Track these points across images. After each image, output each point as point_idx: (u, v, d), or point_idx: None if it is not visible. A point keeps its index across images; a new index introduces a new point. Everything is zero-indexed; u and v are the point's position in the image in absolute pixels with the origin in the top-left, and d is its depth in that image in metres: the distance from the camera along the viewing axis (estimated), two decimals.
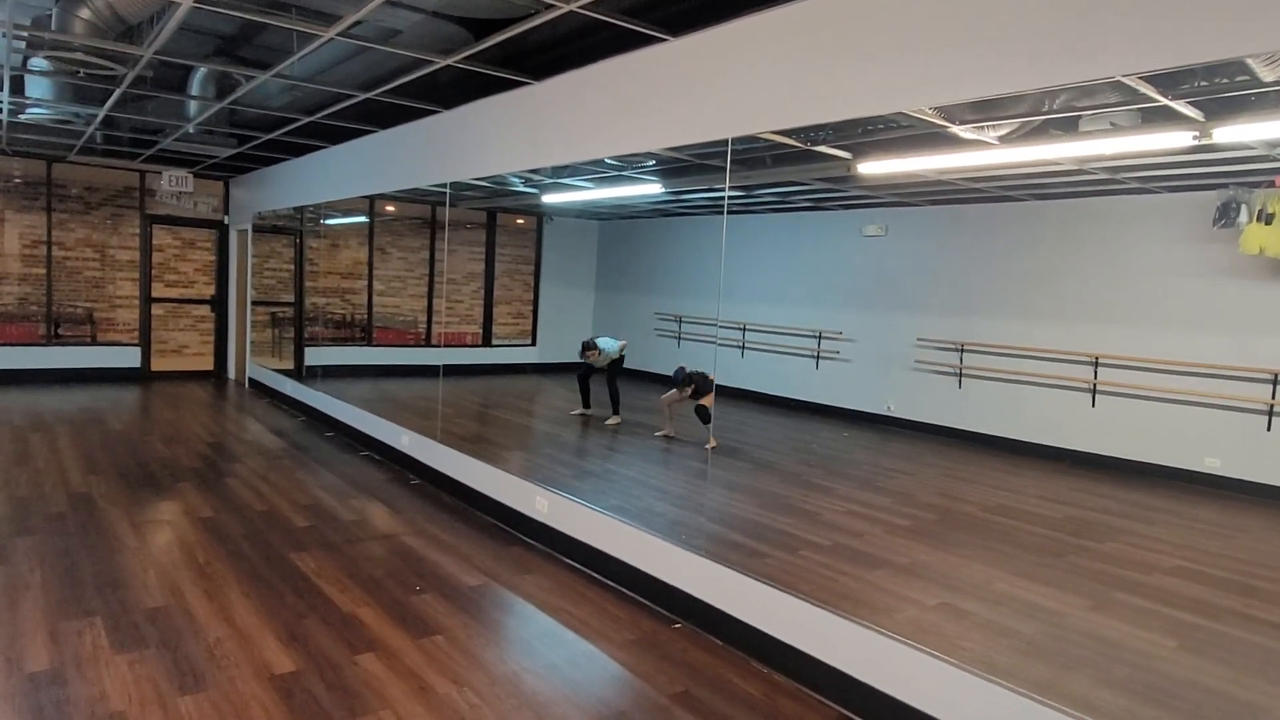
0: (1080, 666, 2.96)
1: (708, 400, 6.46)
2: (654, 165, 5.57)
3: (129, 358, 9.59)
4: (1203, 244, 5.88)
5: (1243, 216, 5.53)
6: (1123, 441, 6.31)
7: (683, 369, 6.51)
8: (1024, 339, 6.91)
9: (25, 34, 4.18)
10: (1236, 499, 5.62)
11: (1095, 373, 6.49)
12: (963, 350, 7.34)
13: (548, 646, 3.17)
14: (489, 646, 3.14)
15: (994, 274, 7.16)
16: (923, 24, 2.60)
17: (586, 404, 7.43)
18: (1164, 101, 3.23)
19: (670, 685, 2.90)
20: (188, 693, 2.65)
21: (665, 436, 6.65)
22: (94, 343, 9.40)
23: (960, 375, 7.36)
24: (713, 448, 6.42)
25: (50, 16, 3.99)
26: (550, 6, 3.34)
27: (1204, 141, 3.63)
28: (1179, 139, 3.83)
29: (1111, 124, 3.83)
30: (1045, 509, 5.24)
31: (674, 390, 6.56)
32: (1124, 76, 2.30)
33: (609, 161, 5.03)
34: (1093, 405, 6.49)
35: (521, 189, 7.08)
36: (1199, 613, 3.56)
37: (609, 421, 7.19)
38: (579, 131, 4.17)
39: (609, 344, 7.36)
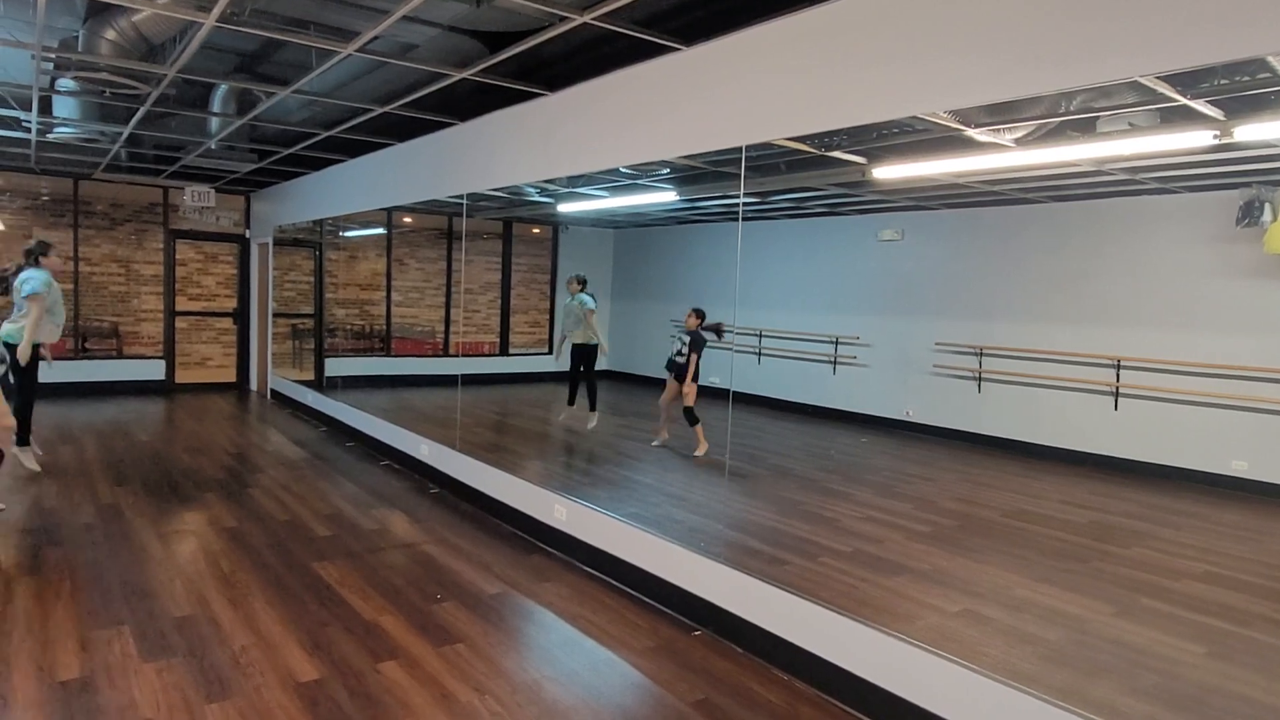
0: (1105, 673, 2.93)
1: (690, 396, 6.28)
2: (669, 173, 5.59)
3: (154, 370, 9.74)
4: (1226, 244, 5.81)
5: (1267, 215, 5.46)
6: (1146, 445, 6.23)
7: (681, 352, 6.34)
8: (1044, 342, 6.85)
9: (53, 55, 4.28)
10: (1264, 502, 5.52)
11: (1117, 375, 6.41)
12: (982, 354, 7.28)
13: (568, 654, 3.18)
14: (509, 654, 3.15)
15: (1012, 277, 7.11)
16: (936, 27, 2.60)
17: (572, 399, 7.19)
18: (1183, 101, 3.20)
19: (691, 693, 2.90)
20: (214, 700, 2.68)
21: (661, 445, 6.53)
22: (120, 356, 9.56)
23: (979, 379, 7.30)
24: (702, 452, 6.30)
25: (77, 38, 4.09)
26: (565, 18, 3.38)
27: (1225, 140, 3.59)
28: (1199, 138, 3.79)
29: (1130, 124, 3.79)
30: (1068, 514, 5.18)
31: (672, 383, 6.40)
32: (1141, 77, 2.29)
33: (624, 170, 5.05)
34: (1115, 408, 6.42)
35: (537, 199, 7.12)
36: (1228, 618, 3.50)
37: (590, 425, 7.10)
38: (594, 141, 4.20)
39: (593, 301, 7.10)
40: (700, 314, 6.45)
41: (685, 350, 6.36)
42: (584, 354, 7.14)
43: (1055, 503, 5.47)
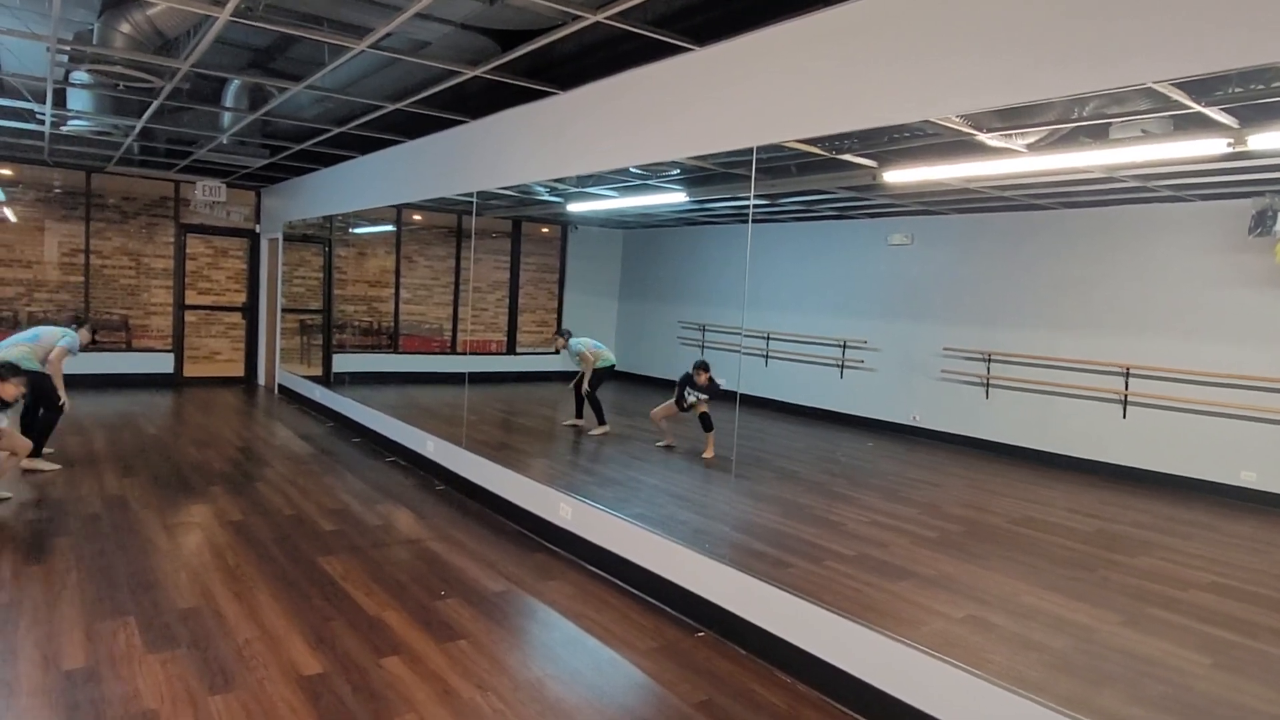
0: (1111, 682, 2.91)
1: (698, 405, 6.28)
2: (679, 174, 5.58)
3: (162, 363, 9.79)
4: (1237, 253, 5.77)
5: (1279, 225, 5.42)
6: (1155, 454, 6.20)
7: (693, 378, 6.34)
8: (1053, 349, 6.82)
9: (68, 48, 4.30)
10: (1274, 513, 5.48)
11: (1126, 384, 6.38)
12: (990, 360, 7.25)
13: (571, 653, 3.18)
14: (513, 652, 3.15)
15: (1022, 283, 7.08)
16: (949, 31, 2.59)
17: (580, 414, 7.33)
18: (1197, 108, 3.19)
19: (693, 694, 2.89)
20: (218, 692, 2.69)
21: (667, 446, 6.57)
22: (129, 349, 9.61)
23: (987, 385, 7.27)
24: (709, 455, 6.27)
25: (92, 31, 4.12)
26: (577, 17, 3.38)
27: (1238, 148, 3.57)
28: (1212, 146, 3.77)
29: (1143, 131, 3.77)
30: (1075, 522, 5.15)
31: (671, 403, 6.44)
32: (1155, 83, 2.28)
33: (634, 170, 5.05)
34: (1124, 417, 6.38)
35: (547, 198, 7.13)
36: (1235, 630, 3.48)
37: (595, 431, 7.09)
38: (604, 140, 4.21)
39: (582, 344, 7.15)
40: (706, 366, 6.47)
41: (700, 398, 6.34)
42: (587, 377, 7.21)
43: (1062, 510, 5.45)
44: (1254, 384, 5.70)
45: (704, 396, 6.32)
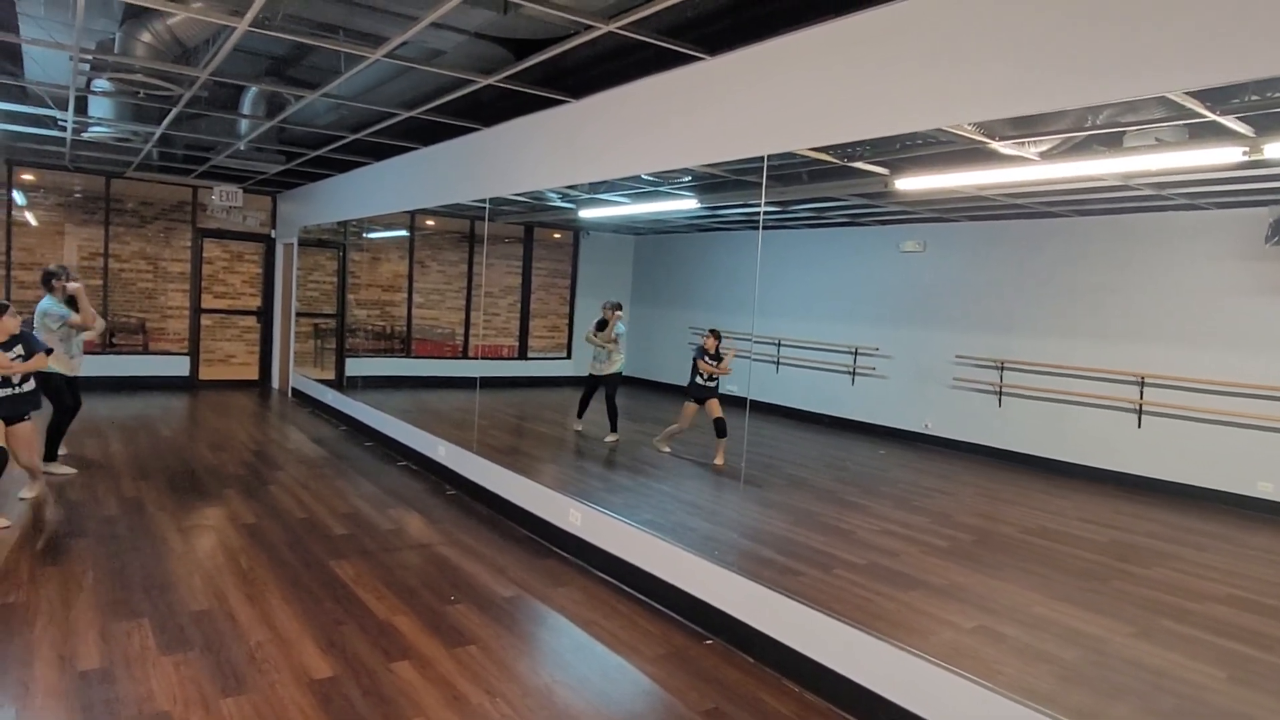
0: (1123, 695, 2.88)
1: (713, 407, 6.26)
2: (690, 181, 5.60)
3: (178, 366, 9.89)
4: (1254, 261, 5.72)
5: None
6: (1171, 464, 6.14)
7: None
8: (1066, 357, 6.77)
9: (90, 57, 4.37)
10: None
11: (1141, 393, 6.33)
12: (1003, 368, 7.21)
13: (580, 659, 3.19)
14: (522, 658, 3.16)
15: (1035, 291, 7.04)
16: (962, 40, 2.59)
17: (581, 415, 7.31)
18: (1212, 117, 3.17)
19: (701, 702, 2.89)
20: (230, 695, 2.71)
21: (671, 452, 6.56)
22: (146, 352, 9.72)
23: (1000, 393, 7.23)
24: (720, 462, 6.26)
25: (113, 40, 4.18)
26: (590, 27, 3.40)
27: (1254, 157, 3.54)
28: (1228, 154, 3.74)
29: (1157, 139, 3.76)
30: (1089, 532, 5.11)
31: (691, 404, 6.43)
32: (1171, 92, 2.27)
33: (645, 177, 5.07)
34: (1139, 426, 6.33)
35: (559, 204, 7.17)
36: (1251, 643, 3.44)
37: (608, 439, 7.06)
38: (616, 148, 4.23)
39: (621, 329, 7.07)
40: (718, 334, 6.49)
41: (710, 359, 6.31)
42: (600, 379, 7.19)
43: (1076, 520, 5.40)
44: (1271, 393, 5.64)
45: (711, 367, 6.26)
